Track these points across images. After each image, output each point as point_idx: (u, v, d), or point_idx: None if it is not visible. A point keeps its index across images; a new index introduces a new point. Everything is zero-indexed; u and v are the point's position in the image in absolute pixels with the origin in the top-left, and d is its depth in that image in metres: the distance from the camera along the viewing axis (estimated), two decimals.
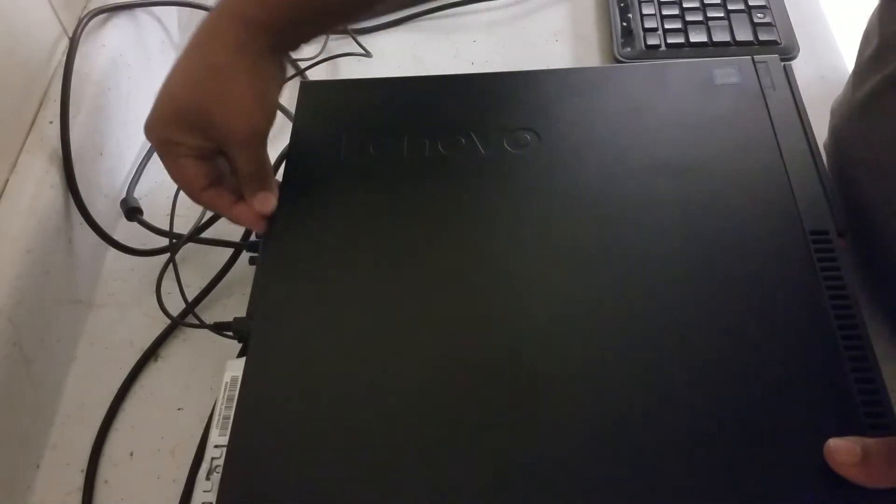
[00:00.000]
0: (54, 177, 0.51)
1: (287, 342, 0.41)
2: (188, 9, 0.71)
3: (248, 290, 0.45)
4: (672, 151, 0.46)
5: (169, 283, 0.52)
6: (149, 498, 0.47)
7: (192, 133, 0.45)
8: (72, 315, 0.53)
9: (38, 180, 0.50)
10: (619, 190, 0.45)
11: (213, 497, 0.38)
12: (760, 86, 0.48)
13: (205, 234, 0.56)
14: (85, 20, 0.58)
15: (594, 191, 0.45)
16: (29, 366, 0.47)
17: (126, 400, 0.51)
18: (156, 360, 0.52)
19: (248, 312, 0.44)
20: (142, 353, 0.52)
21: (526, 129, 0.48)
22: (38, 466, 0.48)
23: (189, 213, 0.57)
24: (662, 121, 0.48)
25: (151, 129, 0.46)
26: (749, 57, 0.50)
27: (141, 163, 0.61)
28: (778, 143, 0.46)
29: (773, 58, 0.50)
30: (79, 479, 0.47)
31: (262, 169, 0.46)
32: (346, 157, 0.49)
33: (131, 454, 0.48)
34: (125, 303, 0.55)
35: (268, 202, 0.46)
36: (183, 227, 0.55)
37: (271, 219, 0.47)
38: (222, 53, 0.44)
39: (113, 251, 0.57)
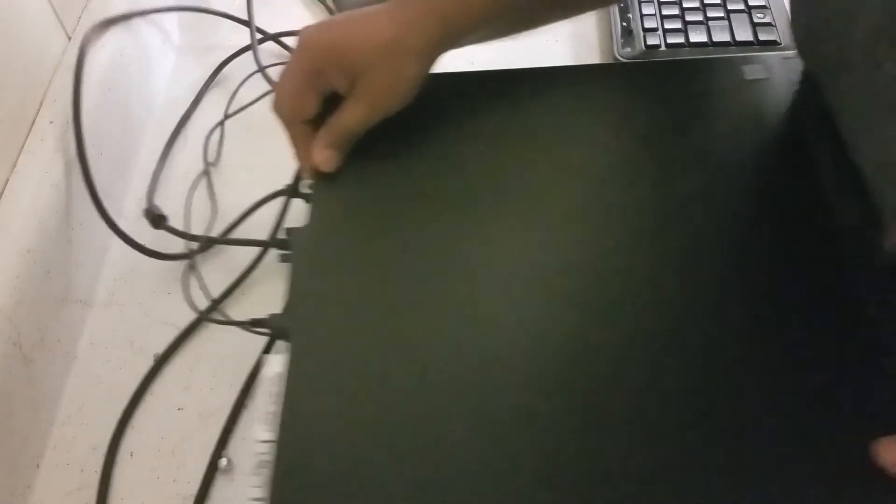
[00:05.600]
0: (54, 176, 0.51)
1: (328, 336, 0.41)
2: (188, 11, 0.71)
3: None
4: (706, 147, 0.46)
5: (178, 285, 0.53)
6: (149, 498, 0.47)
7: (344, 77, 0.45)
8: (72, 315, 0.53)
9: (38, 180, 0.51)
10: (650, 186, 0.45)
11: (262, 492, 0.38)
12: (788, 81, 0.49)
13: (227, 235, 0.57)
14: (91, 31, 0.58)
15: (625, 188, 0.45)
16: (29, 365, 0.47)
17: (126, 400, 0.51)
18: (155, 361, 0.52)
19: (286, 308, 0.44)
20: (141, 353, 0.52)
21: (555, 127, 0.48)
22: (38, 466, 0.48)
23: (197, 216, 0.58)
24: (694, 116, 0.48)
25: (318, 54, 0.45)
26: (777, 53, 0.50)
27: (156, 170, 0.61)
28: (809, 137, 0.46)
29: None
30: (78, 479, 0.48)
31: (354, 134, 0.47)
32: (379, 151, 0.48)
33: (131, 454, 0.48)
34: (125, 303, 0.55)
35: (329, 162, 0.46)
36: (196, 227, 0.56)
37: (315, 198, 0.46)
38: (413, 35, 0.45)
39: (113, 251, 0.57)
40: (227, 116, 0.64)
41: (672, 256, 0.42)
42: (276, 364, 0.42)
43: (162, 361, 0.52)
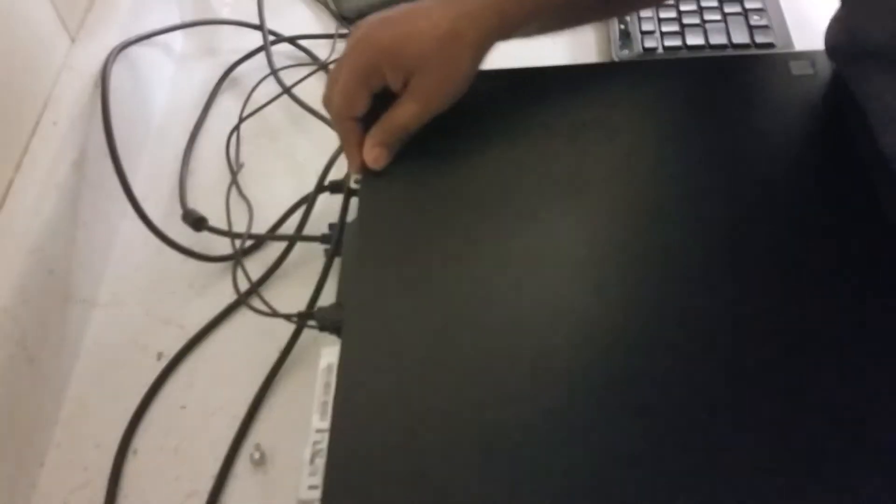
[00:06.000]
0: (58, 177, 0.52)
1: (380, 328, 0.42)
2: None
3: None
4: (757, 141, 0.47)
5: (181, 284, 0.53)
6: (153, 495, 0.47)
7: (397, 73, 0.45)
8: (76, 314, 0.53)
9: (42, 181, 0.51)
10: (704, 181, 0.45)
11: (317, 480, 0.39)
12: (832, 76, 0.49)
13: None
14: (112, 57, 0.59)
15: (679, 182, 0.46)
16: (33, 365, 0.48)
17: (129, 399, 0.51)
18: (158, 359, 0.52)
19: (337, 300, 0.44)
20: (145, 352, 0.53)
21: (601, 122, 0.48)
22: (42, 464, 0.48)
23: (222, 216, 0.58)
24: (745, 111, 0.48)
25: (371, 51, 0.45)
26: (821, 50, 0.51)
27: (182, 174, 0.61)
28: (856, 130, 0.46)
29: None
30: (82, 477, 0.48)
31: (407, 132, 0.46)
32: (425, 146, 0.48)
33: (135, 452, 0.49)
34: (129, 302, 0.56)
35: (380, 159, 0.46)
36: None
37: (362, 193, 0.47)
38: (471, 28, 0.44)
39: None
40: (241, 119, 0.64)
41: (720, 251, 0.42)
42: (331, 355, 0.42)
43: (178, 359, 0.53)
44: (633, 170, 0.47)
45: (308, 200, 0.56)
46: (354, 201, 0.48)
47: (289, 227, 0.57)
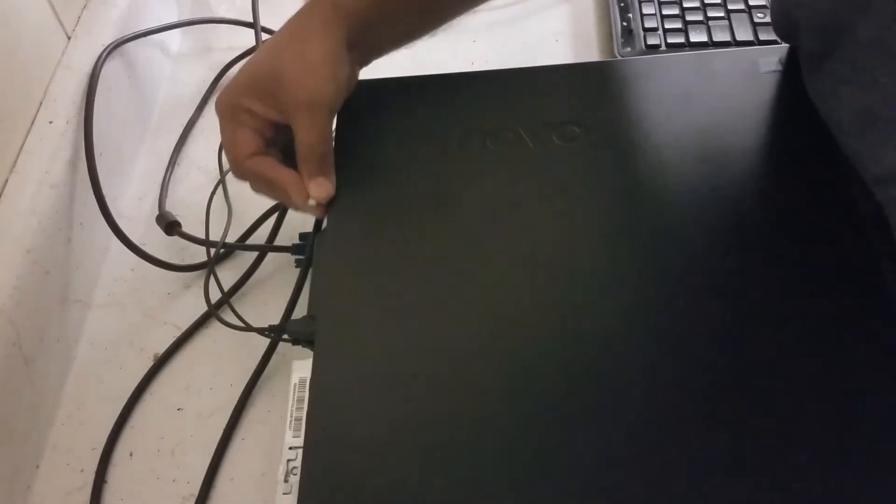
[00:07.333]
0: (54, 177, 0.51)
1: (353, 340, 0.41)
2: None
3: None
4: (724, 140, 0.46)
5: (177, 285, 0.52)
6: (148, 498, 0.47)
7: (263, 99, 0.45)
8: (72, 315, 0.53)
9: (37, 181, 0.50)
10: (672, 179, 0.45)
11: (292, 499, 0.38)
12: (800, 71, 0.49)
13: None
14: (104, 55, 0.58)
15: (647, 181, 0.45)
16: (29, 366, 0.47)
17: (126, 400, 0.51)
18: (155, 360, 0.52)
19: (308, 313, 0.44)
20: (141, 353, 0.52)
21: (573, 123, 0.48)
22: (37, 467, 0.48)
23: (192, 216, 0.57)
24: (713, 109, 0.48)
25: (224, 94, 0.46)
26: (787, 45, 0.50)
27: (165, 175, 0.61)
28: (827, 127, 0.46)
29: None
30: (78, 480, 0.48)
31: (322, 144, 0.45)
32: (394, 154, 0.48)
33: (131, 454, 0.48)
34: (125, 303, 0.55)
35: (324, 189, 0.45)
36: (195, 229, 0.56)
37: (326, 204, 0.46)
38: (306, 23, 0.46)
39: (113, 251, 0.57)
40: None
41: (690, 251, 0.42)
42: (302, 369, 0.41)
43: (163, 361, 0.52)
44: (600, 170, 0.46)
45: (280, 208, 0.55)
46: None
47: (262, 234, 0.57)
